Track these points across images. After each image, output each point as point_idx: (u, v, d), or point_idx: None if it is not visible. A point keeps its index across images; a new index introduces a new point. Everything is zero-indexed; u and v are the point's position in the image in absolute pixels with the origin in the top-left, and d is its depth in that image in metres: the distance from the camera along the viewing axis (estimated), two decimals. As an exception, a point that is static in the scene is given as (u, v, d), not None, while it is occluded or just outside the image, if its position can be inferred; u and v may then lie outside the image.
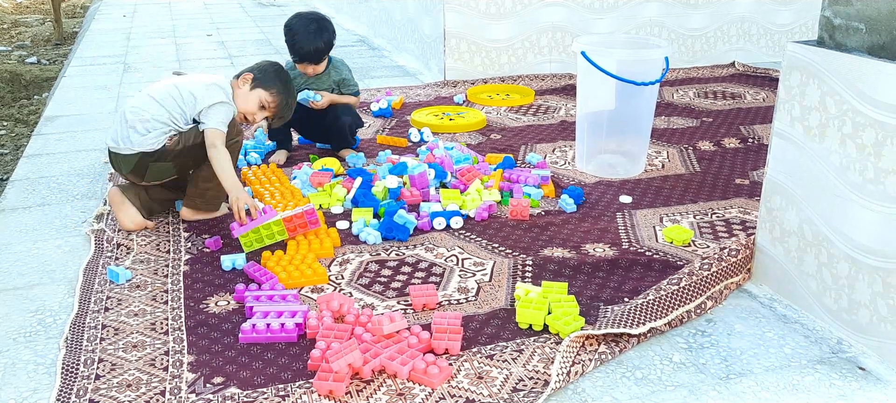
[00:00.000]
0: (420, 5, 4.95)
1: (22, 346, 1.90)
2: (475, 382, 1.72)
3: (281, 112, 2.68)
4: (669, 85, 4.57)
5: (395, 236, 2.44)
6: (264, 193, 2.78)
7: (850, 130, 1.82)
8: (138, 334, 1.93)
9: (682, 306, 1.99)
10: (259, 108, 2.63)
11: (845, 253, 1.87)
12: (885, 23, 1.77)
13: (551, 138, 3.53)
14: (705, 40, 5.13)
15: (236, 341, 1.89)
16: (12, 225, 2.63)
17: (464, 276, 2.21)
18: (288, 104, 2.69)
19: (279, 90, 2.64)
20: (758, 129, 3.65)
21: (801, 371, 1.78)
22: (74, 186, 2.99)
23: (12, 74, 5.95)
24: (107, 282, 2.19)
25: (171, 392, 1.70)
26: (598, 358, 1.79)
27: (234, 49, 5.91)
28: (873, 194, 1.78)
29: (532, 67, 4.78)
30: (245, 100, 2.60)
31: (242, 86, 2.61)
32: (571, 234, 2.50)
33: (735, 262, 2.19)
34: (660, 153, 3.30)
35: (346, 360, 1.69)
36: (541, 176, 2.84)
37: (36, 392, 1.72)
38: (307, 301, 2.09)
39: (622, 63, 2.86)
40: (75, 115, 4.04)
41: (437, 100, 4.19)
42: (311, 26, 3.04)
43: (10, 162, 4.10)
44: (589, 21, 4.79)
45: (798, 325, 1.98)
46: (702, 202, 2.78)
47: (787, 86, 2.01)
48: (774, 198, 2.10)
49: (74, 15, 9.75)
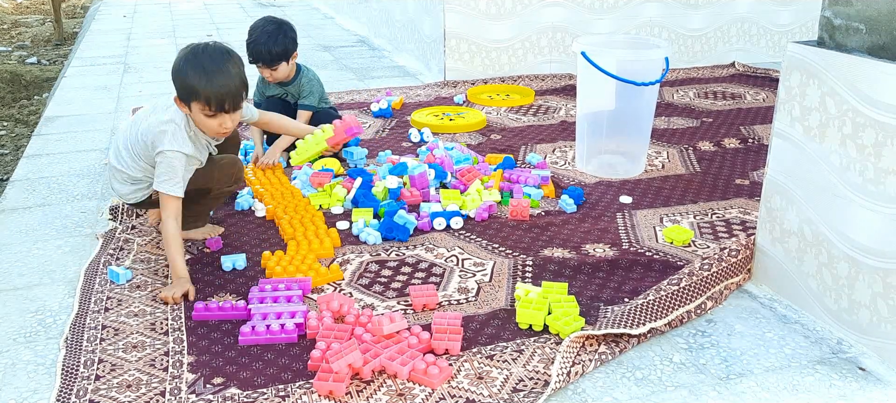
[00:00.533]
0: (420, 5, 4.95)
1: (22, 346, 1.90)
2: (475, 382, 1.72)
3: (224, 97, 2.13)
4: (669, 85, 4.57)
5: (395, 236, 2.44)
6: (264, 193, 2.78)
7: (850, 131, 1.82)
8: (138, 334, 1.93)
9: (683, 306, 1.99)
10: (211, 118, 2.16)
11: (845, 254, 1.87)
12: (885, 23, 1.77)
13: (551, 138, 3.53)
14: (705, 40, 5.13)
15: (236, 341, 1.89)
16: (12, 225, 2.63)
17: (464, 276, 2.21)
18: (219, 83, 2.13)
19: (199, 82, 2.11)
20: (758, 130, 3.65)
21: (801, 372, 1.78)
22: (74, 186, 2.99)
23: (12, 75, 5.95)
24: (107, 283, 2.19)
25: (171, 392, 1.70)
26: (598, 359, 1.79)
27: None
28: (873, 194, 1.78)
29: (532, 68, 4.78)
30: (198, 123, 2.20)
31: (184, 108, 2.19)
32: (571, 234, 2.50)
33: (735, 262, 2.19)
34: (660, 153, 3.30)
35: (346, 360, 1.69)
36: (541, 176, 2.84)
37: (36, 393, 1.72)
38: (307, 301, 2.09)
39: (622, 63, 2.86)
40: (75, 116, 4.04)
41: (437, 101, 4.19)
42: (270, 27, 3.05)
43: (10, 162, 4.10)
44: (589, 21, 4.79)
45: (798, 325, 1.98)
46: (702, 202, 2.78)
47: (787, 87, 2.01)
48: (774, 198, 2.10)
49: (74, 15, 9.75)
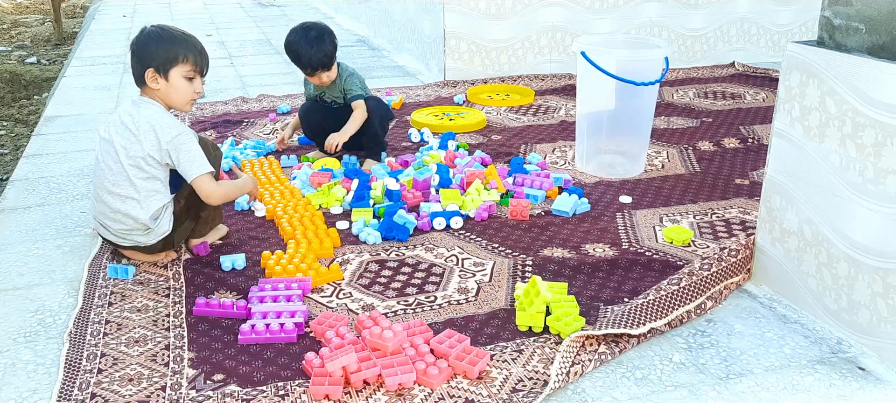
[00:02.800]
0: (420, 5, 4.95)
1: (22, 346, 1.90)
2: (475, 382, 1.72)
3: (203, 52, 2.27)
4: (669, 85, 4.57)
5: (395, 236, 2.44)
6: (264, 193, 2.78)
7: (849, 130, 1.82)
8: (141, 329, 1.94)
9: (682, 306, 1.99)
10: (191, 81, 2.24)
11: (845, 254, 1.87)
12: (885, 23, 1.77)
13: (551, 138, 3.53)
14: (705, 40, 5.13)
15: (236, 339, 1.89)
16: (12, 225, 2.63)
17: (464, 276, 2.21)
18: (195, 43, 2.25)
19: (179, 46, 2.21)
20: (758, 129, 3.65)
21: (801, 371, 1.78)
22: (74, 186, 2.99)
23: (12, 74, 5.95)
24: (110, 279, 2.19)
25: (171, 387, 1.70)
26: (597, 359, 1.79)
27: (234, 49, 5.91)
28: (873, 194, 1.78)
29: (532, 67, 4.78)
30: (175, 92, 2.22)
31: (158, 82, 2.20)
32: (571, 234, 2.50)
33: (735, 262, 2.19)
34: (660, 153, 3.30)
35: (340, 362, 1.68)
36: (553, 178, 2.82)
37: (36, 393, 1.72)
38: (308, 301, 2.09)
39: (622, 63, 2.86)
40: (75, 115, 4.04)
41: (437, 101, 4.19)
42: (311, 34, 3.03)
43: (10, 162, 4.10)
44: (589, 21, 4.79)
45: (798, 325, 1.98)
46: (702, 202, 2.78)
47: (787, 87, 2.01)
48: (774, 198, 2.10)
49: (74, 15, 9.75)
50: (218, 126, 3.75)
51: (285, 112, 3.99)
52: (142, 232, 2.21)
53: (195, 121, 3.84)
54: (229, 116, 3.93)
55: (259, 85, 4.71)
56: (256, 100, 4.27)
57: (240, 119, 3.87)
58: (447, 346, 1.79)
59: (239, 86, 4.70)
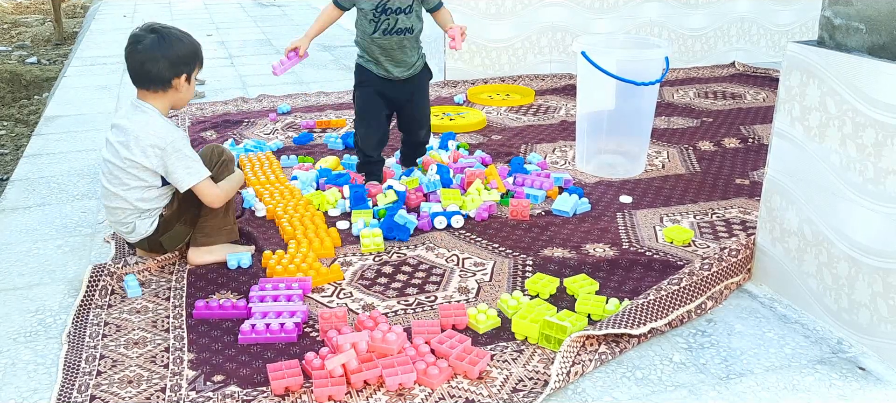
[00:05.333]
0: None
1: (22, 346, 1.90)
2: (475, 382, 1.71)
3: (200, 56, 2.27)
4: (669, 85, 4.57)
5: (395, 236, 2.44)
6: (264, 193, 2.78)
7: (850, 130, 1.82)
8: (140, 331, 1.94)
9: (683, 306, 1.99)
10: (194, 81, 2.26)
11: (845, 254, 1.87)
12: (885, 23, 1.77)
13: (551, 138, 3.53)
14: (705, 40, 5.13)
15: (236, 340, 1.89)
16: (12, 225, 2.63)
17: (464, 276, 2.21)
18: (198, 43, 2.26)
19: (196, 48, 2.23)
20: (758, 129, 3.65)
21: (801, 371, 1.78)
22: (74, 186, 2.99)
23: (12, 74, 5.95)
24: (111, 276, 2.19)
25: (171, 389, 1.70)
26: (598, 359, 1.79)
27: (234, 49, 5.91)
28: (873, 194, 1.78)
29: (532, 67, 4.78)
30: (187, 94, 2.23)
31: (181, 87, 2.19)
32: (571, 234, 2.50)
33: (735, 262, 2.19)
34: (660, 153, 3.30)
35: (339, 360, 1.68)
36: (554, 178, 2.82)
37: (36, 393, 1.72)
38: (309, 301, 2.09)
39: (622, 63, 2.86)
40: (75, 115, 4.04)
41: (438, 100, 4.18)
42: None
43: (10, 162, 4.10)
44: (589, 21, 4.79)
45: (798, 325, 1.98)
46: (702, 202, 2.77)
47: (787, 86, 2.01)
48: (774, 197, 2.10)
49: (74, 15, 9.74)
50: (218, 126, 3.75)
51: (285, 112, 3.99)
52: (127, 230, 2.23)
53: (195, 121, 3.84)
54: (229, 116, 3.93)
55: (259, 85, 4.71)
56: (256, 100, 4.27)
57: (240, 119, 3.87)
58: (448, 346, 1.79)
59: (239, 86, 4.70)
